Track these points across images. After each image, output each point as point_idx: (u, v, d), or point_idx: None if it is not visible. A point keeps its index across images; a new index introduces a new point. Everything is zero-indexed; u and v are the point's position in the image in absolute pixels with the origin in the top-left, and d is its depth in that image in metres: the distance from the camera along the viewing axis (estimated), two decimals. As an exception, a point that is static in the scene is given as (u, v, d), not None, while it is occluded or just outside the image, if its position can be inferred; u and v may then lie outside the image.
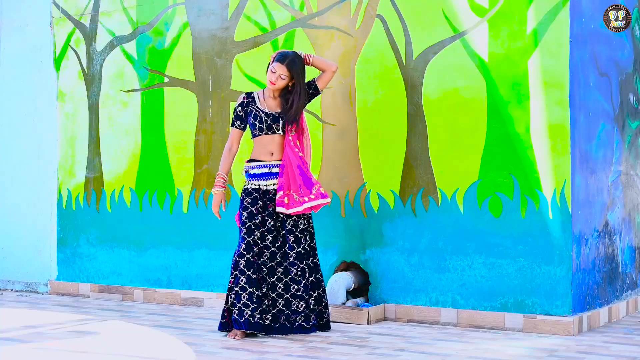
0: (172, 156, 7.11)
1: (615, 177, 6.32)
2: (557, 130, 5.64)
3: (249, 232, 5.67)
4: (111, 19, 7.39)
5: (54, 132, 7.69)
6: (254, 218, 5.68)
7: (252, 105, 5.76)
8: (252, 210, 5.69)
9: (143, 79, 7.24)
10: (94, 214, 7.45)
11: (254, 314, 5.56)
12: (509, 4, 5.79)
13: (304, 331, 5.67)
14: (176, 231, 7.07)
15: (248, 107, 5.77)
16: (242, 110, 5.78)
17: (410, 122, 6.14)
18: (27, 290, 7.83)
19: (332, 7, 6.42)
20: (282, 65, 5.65)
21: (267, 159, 5.73)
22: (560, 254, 5.64)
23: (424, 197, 6.08)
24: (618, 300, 6.34)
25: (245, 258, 5.63)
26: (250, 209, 5.69)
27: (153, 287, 7.15)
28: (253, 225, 5.68)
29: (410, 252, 6.13)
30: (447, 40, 6.00)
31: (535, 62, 5.70)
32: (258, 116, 5.72)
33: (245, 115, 5.77)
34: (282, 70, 5.65)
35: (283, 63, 5.65)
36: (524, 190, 5.74)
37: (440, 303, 6.02)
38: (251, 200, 5.71)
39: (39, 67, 7.79)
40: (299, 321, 5.66)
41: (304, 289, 5.68)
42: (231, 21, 6.84)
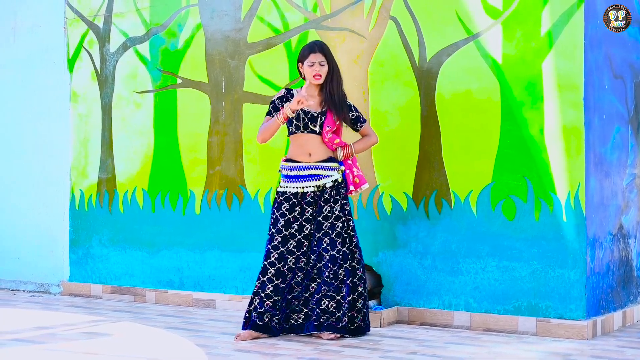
0: (185, 157, 7.10)
1: (630, 180, 6.29)
2: (571, 133, 5.61)
3: (283, 242, 5.59)
4: (124, 20, 7.39)
5: (67, 133, 7.70)
6: (291, 226, 5.61)
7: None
8: (289, 218, 5.61)
9: (156, 80, 7.24)
10: (107, 215, 7.45)
11: (273, 318, 5.56)
12: (523, 6, 5.76)
13: (334, 330, 5.53)
14: (188, 232, 7.06)
15: (287, 102, 5.62)
16: (280, 103, 5.66)
17: (423, 124, 6.11)
18: (39, 291, 7.84)
19: (345, 8, 6.41)
20: (317, 53, 5.59)
21: (305, 160, 5.64)
22: (575, 257, 5.60)
23: (437, 199, 6.06)
24: (632, 304, 6.30)
25: (276, 267, 5.59)
26: (288, 217, 5.61)
27: (165, 289, 7.15)
28: (289, 234, 5.61)
29: (423, 254, 6.10)
30: (461, 42, 5.97)
31: (549, 64, 5.67)
32: (296, 113, 5.61)
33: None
34: (319, 58, 5.58)
35: (316, 51, 5.60)
36: (538, 193, 5.71)
37: (453, 306, 6.00)
38: (289, 206, 5.62)
39: (52, 68, 7.80)
40: (329, 321, 5.54)
41: (335, 290, 5.55)
42: (244, 22, 6.83)
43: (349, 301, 5.58)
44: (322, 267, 5.59)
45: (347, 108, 5.71)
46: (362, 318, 5.64)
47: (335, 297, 5.56)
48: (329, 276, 5.56)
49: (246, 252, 6.77)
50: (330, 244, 5.59)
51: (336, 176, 5.67)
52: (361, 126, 5.79)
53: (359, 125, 5.79)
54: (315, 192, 5.64)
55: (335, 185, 5.66)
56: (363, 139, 5.82)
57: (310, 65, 5.61)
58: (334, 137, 5.67)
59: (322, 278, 5.58)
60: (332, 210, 5.62)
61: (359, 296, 5.64)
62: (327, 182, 5.64)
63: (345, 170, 5.71)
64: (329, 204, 5.62)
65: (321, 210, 5.62)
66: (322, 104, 5.67)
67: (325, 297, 5.56)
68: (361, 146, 5.79)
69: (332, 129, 5.65)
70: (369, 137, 5.83)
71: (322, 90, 5.68)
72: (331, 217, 5.61)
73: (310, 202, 5.63)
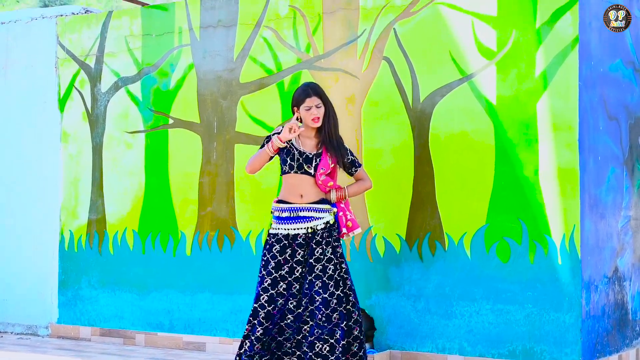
0: (176, 198, 7.04)
1: (625, 222, 6.24)
2: (566, 174, 5.57)
3: (273, 284, 5.51)
4: (116, 59, 7.36)
5: (57, 173, 7.64)
6: (281, 268, 5.53)
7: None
8: (279, 260, 5.53)
9: (147, 120, 7.20)
10: (96, 256, 7.38)
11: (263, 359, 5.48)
12: (517, 47, 5.74)
13: None
14: (179, 274, 6.99)
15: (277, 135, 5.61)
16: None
17: (417, 165, 6.07)
18: (27, 333, 7.74)
19: (338, 49, 6.39)
20: (312, 96, 5.52)
21: (296, 201, 5.57)
22: (570, 300, 5.54)
23: (431, 241, 6.00)
24: (628, 348, 6.23)
25: (266, 310, 5.50)
26: (279, 259, 5.53)
27: (155, 331, 7.06)
28: (279, 276, 5.52)
29: (416, 297, 6.03)
30: (455, 82, 5.95)
31: (544, 105, 5.64)
32: (291, 153, 5.56)
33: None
34: (315, 101, 5.51)
35: (311, 95, 5.53)
36: (533, 235, 5.66)
37: (447, 350, 5.92)
38: (280, 248, 5.54)
39: (44, 108, 7.76)
40: None
41: (329, 333, 5.44)
42: (237, 63, 6.80)
43: (344, 345, 5.48)
44: (314, 309, 5.50)
45: (345, 151, 5.66)
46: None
47: (328, 340, 5.47)
48: (322, 319, 5.47)
49: (237, 294, 6.69)
50: (322, 287, 5.51)
51: (328, 218, 5.60)
52: (356, 170, 5.73)
53: (354, 170, 5.72)
54: (307, 234, 5.57)
55: (327, 227, 5.59)
56: (357, 183, 5.75)
57: (307, 109, 5.55)
58: (328, 179, 5.61)
59: (314, 321, 5.49)
60: (324, 253, 5.55)
61: (354, 340, 5.53)
62: (319, 224, 5.57)
63: (338, 212, 5.65)
64: (321, 246, 5.55)
65: (313, 253, 5.55)
66: (319, 145, 5.62)
67: (318, 340, 5.47)
68: (355, 190, 5.73)
69: (325, 172, 5.59)
70: (363, 182, 5.76)
71: (319, 132, 5.63)
72: (323, 259, 5.54)
73: (301, 244, 5.56)
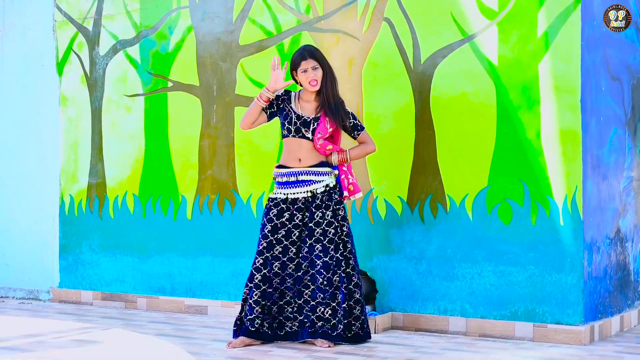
0: (176, 162, 7.02)
1: (627, 183, 6.22)
2: (568, 136, 5.54)
3: (269, 247, 5.51)
4: (114, 22, 7.30)
5: (56, 137, 7.61)
6: (277, 232, 5.52)
7: (286, 103, 5.58)
8: (276, 224, 5.52)
9: (147, 84, 7.15)
10: (97, 221, 7.36)
11: (264, 323, 5.47)
12: (519, 7, 5.69)
13: (328, 338, 5.43)
14: (180, 238, 6.98)
15: (283, 103, 5.57)
16: (276, 100, 5.58)
17: (418, 128, 6.04)
18: (28, 297, 7.75)
19: (338, 10, 6.33)
20: (308, 59, 5.48)
21: (295, 166, 5.56)
22: (572, 261, 5.53)
23: (432, 203, 5.98)
24: (630, 309, 6.23)
25: (262, 273, 5.50)
26: (275, 222, 5.52)
27: (156, 295, 7.06)
28: (275, 240, 5.52)
29: (418, 259, 6.03)
30: (456, 43, 5.90)
31: (545, 66, 5.60)
32: (289, 116, 5.55)
33: (277, 108, 5.59)
34: (311, 63, 5.48)
35: (307, 57, 5.49)
36: (535, 196, 5.64)
37: (449, 312, 5.92)
38: (277, 212, 5.54)
39: (42, 72, 7.72)
40: (324, 328, 5.45)
41: (330, 296, 5.46)
42: (236, 25, 6.74)
43: (345, 308, 5.48)
44: (315, 273, 5.50)
45: (346, 114, 5.62)
46: (360, 326, 5.53)
47: (330, 303, 5.47)
48: (323, 283, 5.47)
49: (238, 258, 6.68)
50: (323, 250, 5.50)
51: (328, 181, 5.58)
52: (358, 134, 5.69)
53: (356, 133, 5.69)
54: (307, 198, 5.55)
55: (327, 191, 5.57)
56: (360, 146, 5.71)
57: (303, 72, 5.51)
58: (326, 143, 5.58)
59: (316, 285, 5.49)
60: (324, 216, 5.54)
61: (355, 303, 5.53)
62: (319, 188, 5.56)
63: (340, 175, 5.63)
64: (321, 210, 5.54)
65: (313, 216, 5.53)
66: (318, 109, 5.58)
67: (320, 304, 5.47)
68: (357, 153, 5.69)
69: (323, 136, 5.55)
70: (366, 145, 5.72)
71: (319, 95, 5.59)
72: (323, 223, 5.53)
73: (301, 207, 5.55)
